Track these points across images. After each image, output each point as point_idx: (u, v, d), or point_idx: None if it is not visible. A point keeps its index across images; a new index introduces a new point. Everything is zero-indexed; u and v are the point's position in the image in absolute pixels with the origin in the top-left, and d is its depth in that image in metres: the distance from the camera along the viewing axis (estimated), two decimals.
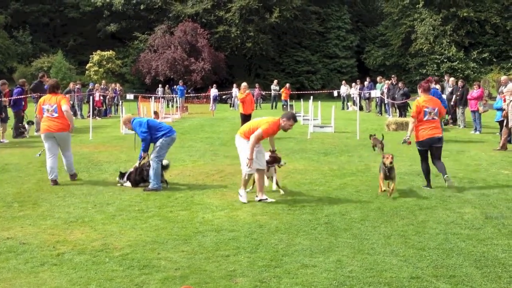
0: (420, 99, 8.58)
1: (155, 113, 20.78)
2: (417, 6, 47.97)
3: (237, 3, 45.12)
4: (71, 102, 20.03)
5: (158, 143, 8.48)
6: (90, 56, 44.67)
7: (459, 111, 18.05)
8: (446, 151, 12.48)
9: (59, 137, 8.75)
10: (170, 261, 4.90)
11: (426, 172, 8.47)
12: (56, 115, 8.69)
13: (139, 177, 8.61)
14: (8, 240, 5.58)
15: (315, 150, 12.80)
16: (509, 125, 12.37)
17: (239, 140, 7.57)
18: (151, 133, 8.48)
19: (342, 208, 6.99)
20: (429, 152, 8.59)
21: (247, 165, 7.29)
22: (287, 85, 31.24)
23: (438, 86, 15.92)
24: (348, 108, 29.49)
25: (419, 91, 8.69)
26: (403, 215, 6.64)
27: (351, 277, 4.44)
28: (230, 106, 33.18)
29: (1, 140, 14.12)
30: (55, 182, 8.56)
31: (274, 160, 8.04)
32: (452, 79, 19.74)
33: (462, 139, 15.02)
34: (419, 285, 4.30)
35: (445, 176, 8.19)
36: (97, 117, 23.39)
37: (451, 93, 18.34)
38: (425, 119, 8.37)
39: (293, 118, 7.50)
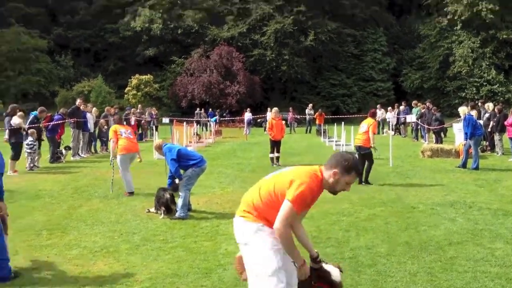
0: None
1: (198, 135, 21.14)
2: (455, 28, 47.35)
3: (272, 27, 45.51)
4: (106, 127, 20.41)
5: (188, 172, 8.55)
6: (129, 80, 45.66)
7: (496, 137, 17.57)
8: (482, 180, 12.17)
9: (135, 155, 10.62)
10: None
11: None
12: (132, 137, 10.67)
13: (157, 204, 8.65)
14: (33, 271, 5.66)
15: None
16: None
17: (243, 229, 3.71)
18: (182, 161, 8.56)
19: (369, 242, 6.84)
20: None
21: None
22: (319, 110, 31.11)
23: (473, 112, 15.56)
24: (384, 133, 29.11)
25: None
26: (431, 250, 6.44)
27: None
28: (265, 130, 33.22)
29: (37, 165, 14.48)
30: (132, 193, 10.27)
31: None
32: (489, 104, 19.26)
33: (499, 167, 14.57)
34: None
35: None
36: None
37: (488, 119, 17.89)
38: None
39: (355, 169, 3.72)
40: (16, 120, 13.64)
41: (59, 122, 16.08)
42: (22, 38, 46.65)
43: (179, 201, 8.40)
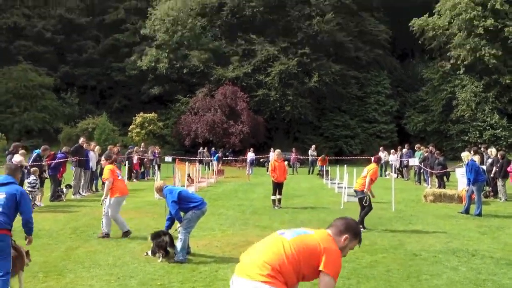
0: None
1: (189, 176, 20.94)
2: (458, 73, 47.72)
3: (276, 68, 45.96)
4: None
5: (188, 215, 8.48)
6: (133, 118, 45.90)
7: (499, 183, 17.48)
8: (485, 226, 12.04)
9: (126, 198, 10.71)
10: None
11: None
12: (123, 179, 10.83)
13: (155, 247, 8.52)
14: None
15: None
16: None
17: None
18: (182, 204, 8.51)
19: None
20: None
21: None
22: (323, 155, 30.76)
23: (476, 158, 15.52)
24: (386, 176, 29.03)
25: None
26: None
27: None
28: (267, 171, 33.14)
29: (38, 204, 14.42)
30: (129, 232, 10.12)
31: None
32: (492, 150, 19.24)
33: (502, 213, 14.44)
34: None
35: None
36: (134, 180, 23.78)
37: (491, 164, 17.85)
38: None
39: (360, 235, 3.94)
40: (17, 158, 13.70)
41: (61, 160, 16.10)
42: (29, 75, 47.18)
43: (178, 244, 8.31)
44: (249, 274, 3.36)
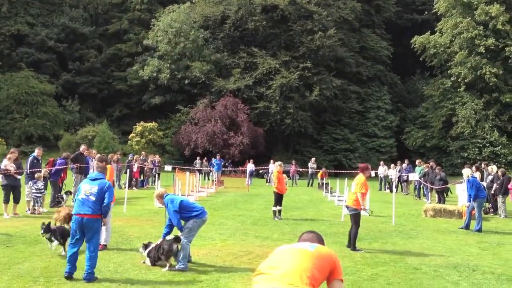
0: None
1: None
2: (458, 90, 47.86)
3: (278, 81, 46.09)
4: None
5: (189, 224, 8.49)
6: (134, 126, 45.95)
7: (499, 200, 17.50)
8: (485, 242, 12.05)
9: None
10: None
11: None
12: None
13: (157, 256, 8.49)
14: None
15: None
16: None
17: None
18: (183, 213, 8.51)
19: None
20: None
21: None
22: (323, 169, 30.88)
23: (477, 174, 15.56)
24: (386, 190, 29.07)
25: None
26: None
27: None
28: (266, 182, 33.19)
29: (42, 210, 14.39)
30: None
31: None
32: (492, 167, 19.27)
33: (502, 230, 14.44)
34: None
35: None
36: (134, 188, 23.75)
37: (492, 181, 17.88)
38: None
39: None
40: (4, 162, 13.66)
41: (62, 167, 16.10)
42: (31, 82, 47.23)
43: (180, 253, 8.31)
44: (292, 282, 3.48)
